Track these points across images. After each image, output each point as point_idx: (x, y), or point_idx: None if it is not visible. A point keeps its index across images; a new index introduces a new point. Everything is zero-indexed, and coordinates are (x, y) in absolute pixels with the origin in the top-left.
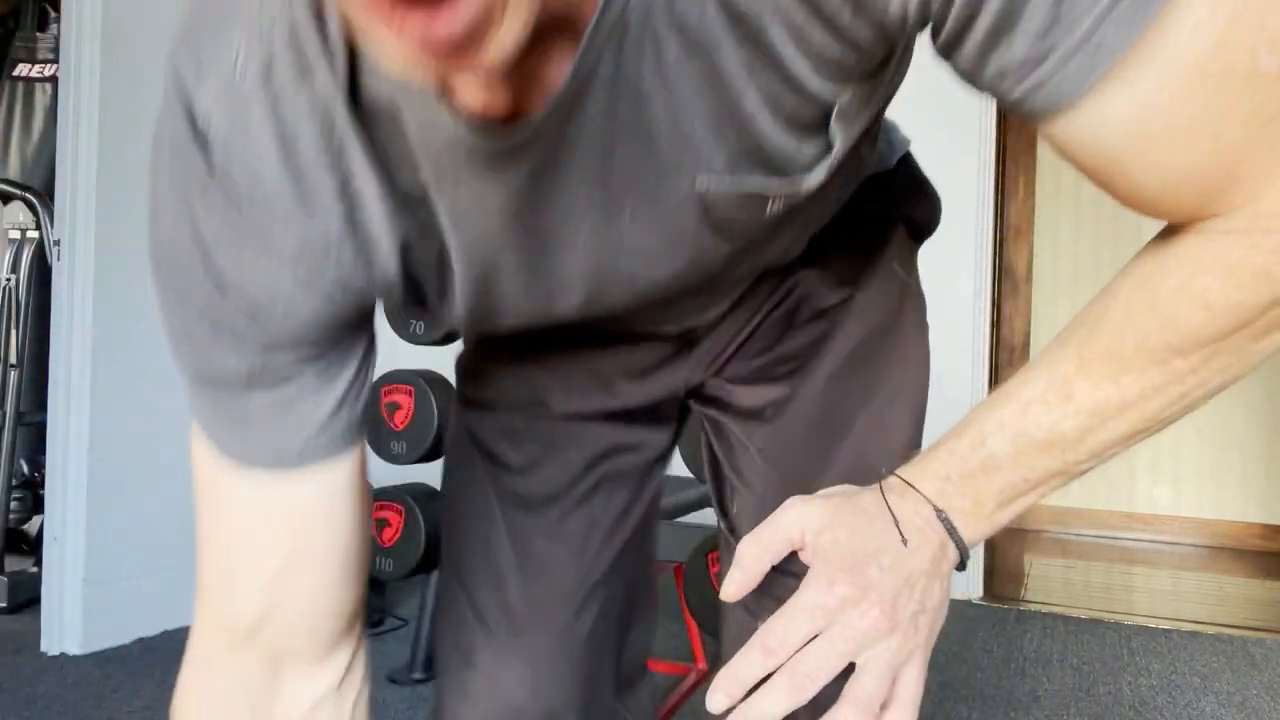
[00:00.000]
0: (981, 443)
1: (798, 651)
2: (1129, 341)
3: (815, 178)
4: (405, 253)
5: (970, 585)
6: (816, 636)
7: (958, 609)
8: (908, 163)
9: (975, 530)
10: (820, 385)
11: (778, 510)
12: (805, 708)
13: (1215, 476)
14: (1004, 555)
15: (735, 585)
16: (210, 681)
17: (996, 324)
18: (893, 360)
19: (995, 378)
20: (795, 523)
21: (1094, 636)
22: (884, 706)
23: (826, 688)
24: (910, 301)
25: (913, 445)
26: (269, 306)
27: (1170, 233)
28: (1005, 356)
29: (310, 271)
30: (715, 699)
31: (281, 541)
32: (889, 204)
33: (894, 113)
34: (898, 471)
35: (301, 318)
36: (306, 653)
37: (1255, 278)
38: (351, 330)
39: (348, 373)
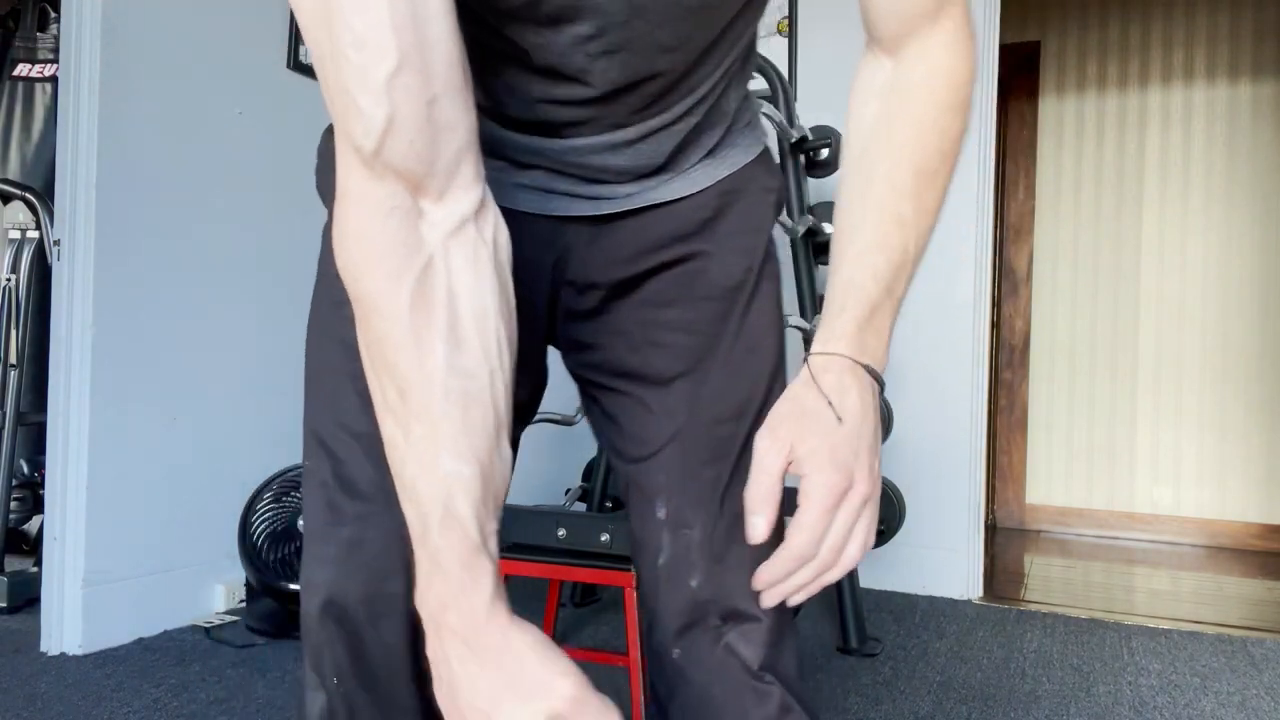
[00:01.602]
0: (871, 285)
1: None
2: (918, 160)
3: None
4: None
5: (970, 585)
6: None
7: (958, 609)
8: (768, 153)
9: (884, 356)
10: (727, 364)
11: (759, 456)
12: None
13: (1215, 476)
14: (1004, 555)
15: (765, 527)
16: (365, 207)
17: (996, 324)
18: (764, 328)
19: (995, 378)
20: (781, 456)
21: (1094, 636)
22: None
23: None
24: (771, 266)
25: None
26: None
27: (888, 84)
28: (1005, 357)
29: None
30: (760, 579)
31: (392, 40)
32: (770, 186)
33: None
34: (816, 349)
35: None
36: (436, 177)
37: (966, 82)
38: None
39: None
